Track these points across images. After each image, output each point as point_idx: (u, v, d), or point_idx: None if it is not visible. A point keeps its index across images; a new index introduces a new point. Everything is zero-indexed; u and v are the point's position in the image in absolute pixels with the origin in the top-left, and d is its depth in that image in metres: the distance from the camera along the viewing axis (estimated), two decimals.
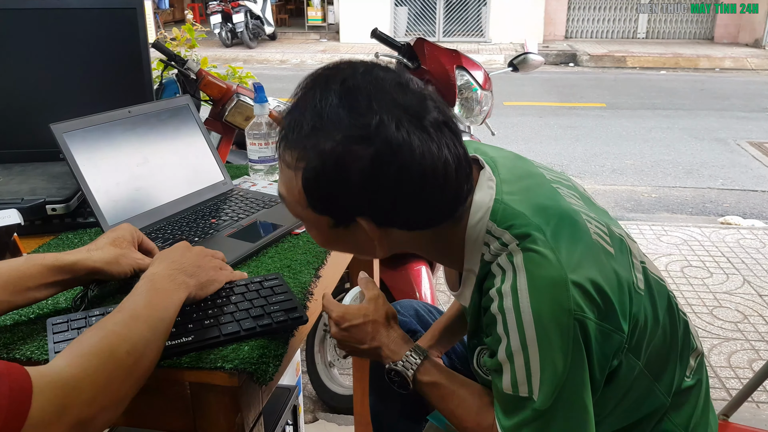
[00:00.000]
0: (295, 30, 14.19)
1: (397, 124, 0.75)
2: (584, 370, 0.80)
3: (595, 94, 7.83)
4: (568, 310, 0.77)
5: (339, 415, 2.13)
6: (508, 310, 0.79)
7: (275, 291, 0.91)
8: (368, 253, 0.88)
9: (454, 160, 0.79)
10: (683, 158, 5.14)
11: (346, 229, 0.83)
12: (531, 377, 0.79)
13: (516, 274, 0.80)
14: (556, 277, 0.78)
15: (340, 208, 0.81)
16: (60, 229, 1.18)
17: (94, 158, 1.12)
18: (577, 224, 0.85)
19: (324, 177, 0.77)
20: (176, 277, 0.83)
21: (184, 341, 0.79)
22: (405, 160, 0.75)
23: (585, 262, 0.81)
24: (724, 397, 2.15)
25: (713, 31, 11.79)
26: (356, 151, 0.75)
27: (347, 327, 1.02)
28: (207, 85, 2.05)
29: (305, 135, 0.77)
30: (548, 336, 0.78)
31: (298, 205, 0.83)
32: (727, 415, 1.44)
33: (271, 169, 1.47)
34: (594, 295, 0.79)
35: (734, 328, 2.60)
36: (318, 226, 0.85)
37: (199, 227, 1.15)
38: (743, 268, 3.13)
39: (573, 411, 0.80)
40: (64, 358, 0.64)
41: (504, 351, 0.81)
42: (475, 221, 0.86)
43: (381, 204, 0.79)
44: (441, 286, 2.98)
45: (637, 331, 0.86)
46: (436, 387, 0.96)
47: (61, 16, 1.35)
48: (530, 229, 0.82)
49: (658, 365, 0.92)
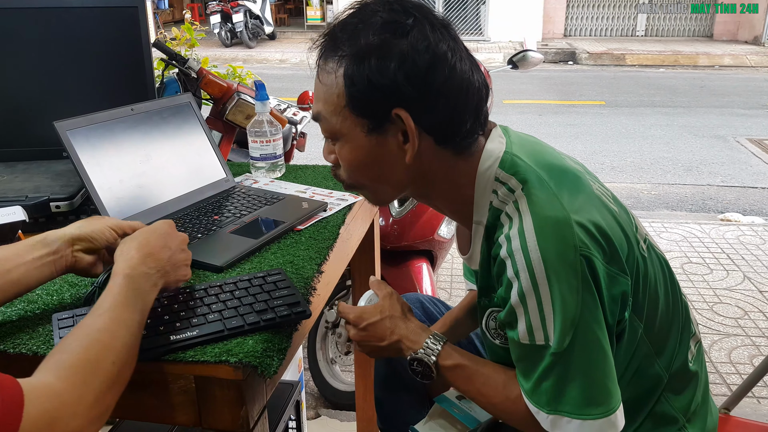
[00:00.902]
0: (294, 29, 14.19)
1: (431, 27, 0.84)
2: (597, 309, 0.81)
3: (595, 91, 7.83)
4: (573, 246, 0.80)
5: (341, 411, 2.14)
6: (516, 251, 0.82)
7: (278, 286, 0.91)
8: (396, 170, 0.90)
9: (476, 77, 0.87)
10: (683, 155, 5.15)
11: (380, 137, 0.87)
12: (545, 319, 0.81)
13: (522, 217, 0.83)
14: (560, 217, 0.82)
15: (378, 100, 0.84)
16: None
17: (98, 156, 1.13)
18: (579, 179, 0.89)
19: (363, 66, 0.83)
20: (151, 276, 0.81)
21: (188, 336, 0.80)
22: (437, 55, 0.83)
23: (587, 207, 0.85)
24: (725, 392, 2.16)
25: (712, 28, 11.79)
26: (393, 41, 0.83)
27: (365, 326, 1.03)
28: (208, 84, 2.06)
29: (348, 37, 0.85)
30: (557, 273, 0.80)
31: (336, 112, 0.87)
32: (728, 409, 1.44)
33: (272, 166, 1.48)
34: (597, 236, 0.82)
35: (735, 324, 2.60)
36: (353, 136, 0.88)
37: (201, 224, 1.16)
38: (743, 265, 3.14)
39: (590, 352, 0.81)
40: (52, 371, 0.64)
41: (516, 294, 0.83)
42: (485, 167, 0.90)
43: (416, 95, 0.83)
44: (442, 283, 2.99)
45: (640, 288, 0.88)
46: (460, 369, 0.97)
47: (64, 16, 1.35)
48: (534, 175, 0.87)
49: (659, 337, 0.94)
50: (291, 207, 1.25)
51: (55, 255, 0.84)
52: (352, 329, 1.05)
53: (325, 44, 0.88)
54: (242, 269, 1.02)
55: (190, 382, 0.79)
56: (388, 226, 2.00)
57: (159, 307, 0.85)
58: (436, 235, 2.05)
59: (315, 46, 0.88)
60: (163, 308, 0.85)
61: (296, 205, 1.26)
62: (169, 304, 0.86)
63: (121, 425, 1.39)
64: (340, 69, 0.85)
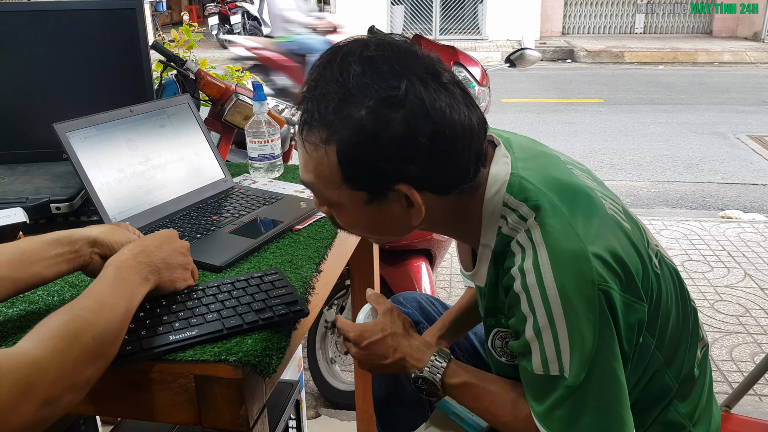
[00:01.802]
0: None
1: (423, 84, 0.77)
2: (614, 341, 0.80)
3: (593, 89, 7.83)
4: (591, 281, 0.78)
5: (341, 411, 2.14)
6: (531, 286, 0.80)
7: (275, 285, 0.92)
8: (401, 227, 0.87)
9: (475, 120, 0.81)
10: (682, 153, 5.15)
11: (381, 204, 0.82)
12: (561, 353, 0.79)
13: (536, 250, 0.81)
14: (576, 250, 0.79)
15: (377, 177, 0.79)
16: (64, 228, 1.18)
17: (97, 157, 1.13)
18: (592, 199, 0.86)
19: (360, 146, 0.76)
20: (141, 270, 0.83)
21: (188, 335, 0.80)
22: (438, 119, 0.77)
23: (602, 234, 0.82)
24: (727, 390, 2.16)
25: (712, 25, 11.78)
26: (389, 115, 0.75)
27: (367, 345, 1.00)
28: (206, 85, 2.06)
29: (333, 109, 0.77)
30: (574, 309, 0.78)
31: (330, 186, 0.82)
32: (729, 407, 1.45)
33: (270, 166, 1.48)
34: (614, 265, 0.80)
35: (736, 321, 2.60)
36: (352, 205, 0.84)
37: (200, 224, 1.16)
38: (744, 262, 3.14)
39: (606, 385, 0.80)
40: (31, 340, 0.66)
41: (531, 329, 0.81)
42: (492, 194, 0.86)
43: (417, 166, 0.78)
44: (441, 282, 2.99)
45: (652, 308, 0.87)
46: (467, 387, 0.95)
47: (62, 18, 1.36)
48: (546, 201, 0.83)
49: (670, 349, 0.93)
50: (289, 207, 1.26)
51: (76, 254, 0.87)
52: (352, 347, 1.03)
53: (306, 113, 0.79)
54: (241, 269, 1.03)
55: (189, 382, 0.79)
56: None
57: (158, 307, 0.86)
58: (434, 234, 2.05)
59: (292, 110, 0.85)
60: (162, 309, 0.86)
61: (294, 205, 1.27)
62: (167, 305, 0.86)
63: (122, 425, 1.40)
64: (331, 146, 0.78)
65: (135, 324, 0.82)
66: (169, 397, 0.80)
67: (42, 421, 0.63)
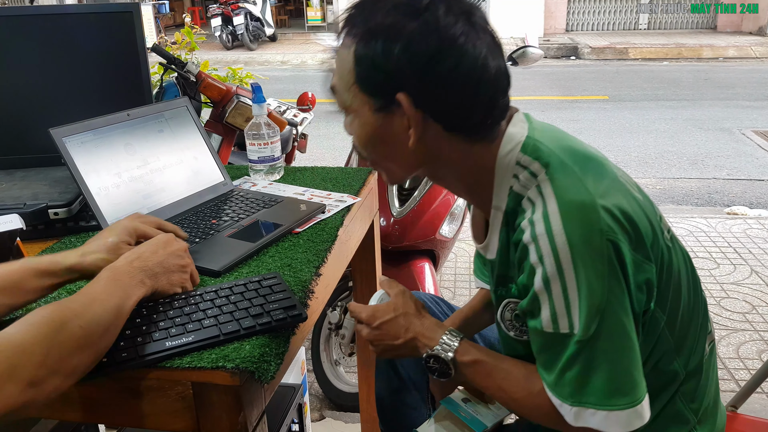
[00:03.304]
0: (295, 30, 14.20)
1: (446, 10, 0.82)
2: (624, 296, 0.80)
3: (598, 86, 7.80)
4: (600, 230, 0.78)
5: (345, 413, 2.13)
6: (540, 235, 0.80)
7: (274, 290, 0.91)
8: (402, 153, 0.89)
9: (494, 66, 0.84)
10: (688, 149, 5.12)
11: (385, 116, 0.86)
12: (570, 306, 0.79)
13: (546, 202, 0.82)
14: (585, 201, 0.80)
15: (381, 80, 0.84)
16: (62, 233, 1.19)
17: (94, 162, 1.13)
18: (603, 165, 0.88)
19: (370, 46, 0.83)
20: (135, 275, 0.83)
21: (184, 341, 0.79)
22: (446, 41, 0.81)
23: (612, 193, 0.83)
24: (733, 388, 2.14)
25: (716, 20, 11.72)
26: (402, 22, 0.81)
27: (379, 324, 1.01)
28: (207, 87, 2.06)
29: (363, 16, 0.85)
30: (583, 257, 0.78)
31: (347, 88, 0.87)
32: (735, 407, 1.43)
33: (270, 169, 1.47)
34: (624, 221, 0.81)
35: (742, 318, 2.58)
36: (362, 112, 0.88)
37: (200, 228, 1.16)
38: (751, 259, 3.12)
39: (616, 340, 0.79)
40: (16, 325, 0.67)
41: (541, 279, 0.81)
42: (506, 151, 0.89)
43: (419, 80, 0.82)
44: (445, 282, 2.98)
45: (663, 279, 0.86)
46: (479, 365, 0.94)
47: (59, 22, 1.35)
48: (557, 160, 0.85)
49: (681, 334, 0.92)
50: (289, 209, 1.25)
51: (59, 282, 0.88)
52: (365, 329, 1.03)
53: (346, 19, 0.88)
54: (240, 273, 1.02)
55: (187, 389, 0.78)
56: (389, 226, 2.00)
57: (154, 313, 0.85)
58: (438, 234, 2.04)
59: (340, 20, 0.89)
60: (159, 314, 0.85)
61: (294, 208, 1.26)
62: (164, 310, 0.86)
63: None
64: (352, 46, 0.85)
65: (131, 330, 0.81)
66: (167, 404, 0.79)
67: (27, 404, 0.64)
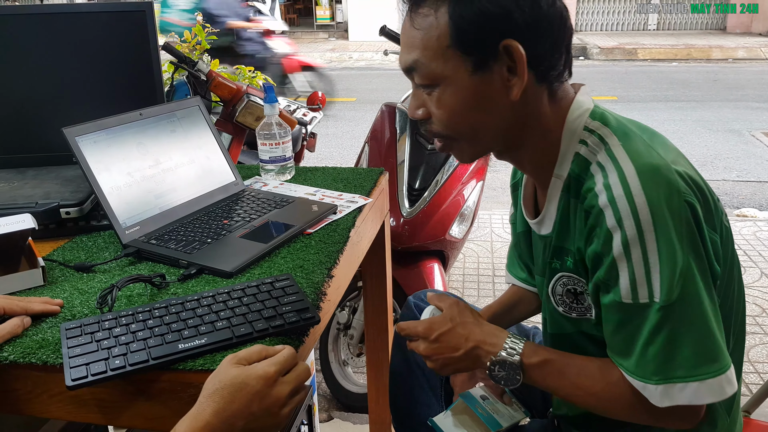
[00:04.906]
0: (303, 29, 14.19)
1: None
2: (702, 258, 0.78)
3: (607, 87, 7.76)
4: (678, 191, 0.78)
5: (354, 414, 2.13)
6: (618, 197, 0.79)
7: (287, 292, 0.90)
8: (499, 110, 0.87)
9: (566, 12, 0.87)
10: (697, 150, 5.09)
11: (485, 75, 0.84)
12: (650, 272, 0.77)
13: (620, 165, 0.81)
14: (661, 164, 0.80)
15: (489, 32, 0.81)
16: (74, 233, 1.19)
17: (107, 161, 1.13)
18: (668, 141, 0.88)
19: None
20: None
21: (197, 344, 0.79)
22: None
23: (681, 161, 0.83)
24: (744, 392, 2.12)
25: (725, 21, 11.65)
26: None
27: (437, 337, 0.96)
28: (217, 86, 2.05)
29: None
30: (663, 218, 0.76)
31: (437, 56, 0.84)
32: (748, 412, 1.41)
33: (282, 169, 1.47)
34: (694, 188, 0.80)
35: (752, 322, 2.56)
36: (457, 77, 0.85)
37: (211, 228, 1.15)
38: (760, 261, 3.09)
39: (699, 303, 0.77)
40: None
41: (620, 243, 0.79)
42: (576, 116, 0.89)
43: (527, 21, 0.81)
44: (454, 283, 2.96)
45: (720, 257, 0.84)
46: (549, 364, 0.90)
47: (72, 21, 1.35)
48: (626, 128, 0.86)
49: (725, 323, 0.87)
50: (300, 210, 1.24)
51: None
52: (422, 343, 0.98)
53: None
54: (252, 274, 1.01)
55: (199, 391, 0.77)
56: (399, 226, 1.99)
57: (167, 315, 0.85)
58: (447, 235, 2.03)
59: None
60: (171, 317, 0.84)
61: (306, 208, 1.25)
62: (176, 312, 0.85)
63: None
64: (442, 7, 0.82)
65: (143, 332, 0.80)
66: (179, 406, 0.79)
67: None
